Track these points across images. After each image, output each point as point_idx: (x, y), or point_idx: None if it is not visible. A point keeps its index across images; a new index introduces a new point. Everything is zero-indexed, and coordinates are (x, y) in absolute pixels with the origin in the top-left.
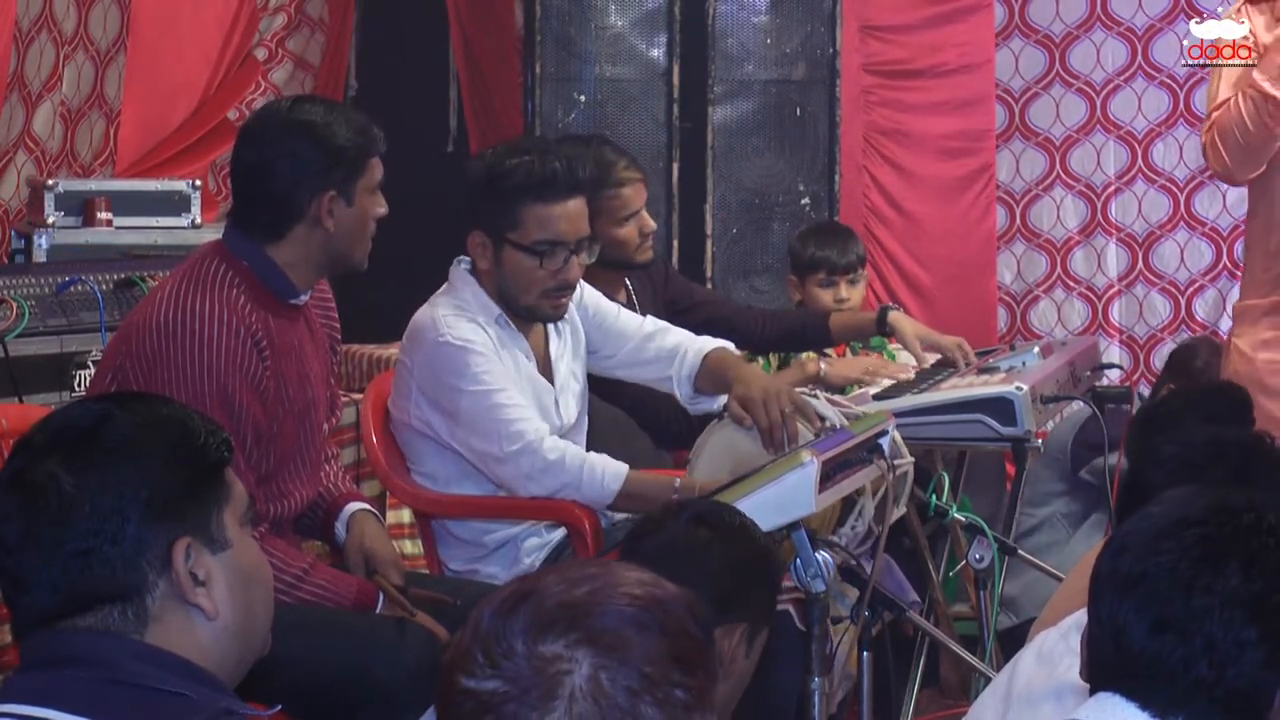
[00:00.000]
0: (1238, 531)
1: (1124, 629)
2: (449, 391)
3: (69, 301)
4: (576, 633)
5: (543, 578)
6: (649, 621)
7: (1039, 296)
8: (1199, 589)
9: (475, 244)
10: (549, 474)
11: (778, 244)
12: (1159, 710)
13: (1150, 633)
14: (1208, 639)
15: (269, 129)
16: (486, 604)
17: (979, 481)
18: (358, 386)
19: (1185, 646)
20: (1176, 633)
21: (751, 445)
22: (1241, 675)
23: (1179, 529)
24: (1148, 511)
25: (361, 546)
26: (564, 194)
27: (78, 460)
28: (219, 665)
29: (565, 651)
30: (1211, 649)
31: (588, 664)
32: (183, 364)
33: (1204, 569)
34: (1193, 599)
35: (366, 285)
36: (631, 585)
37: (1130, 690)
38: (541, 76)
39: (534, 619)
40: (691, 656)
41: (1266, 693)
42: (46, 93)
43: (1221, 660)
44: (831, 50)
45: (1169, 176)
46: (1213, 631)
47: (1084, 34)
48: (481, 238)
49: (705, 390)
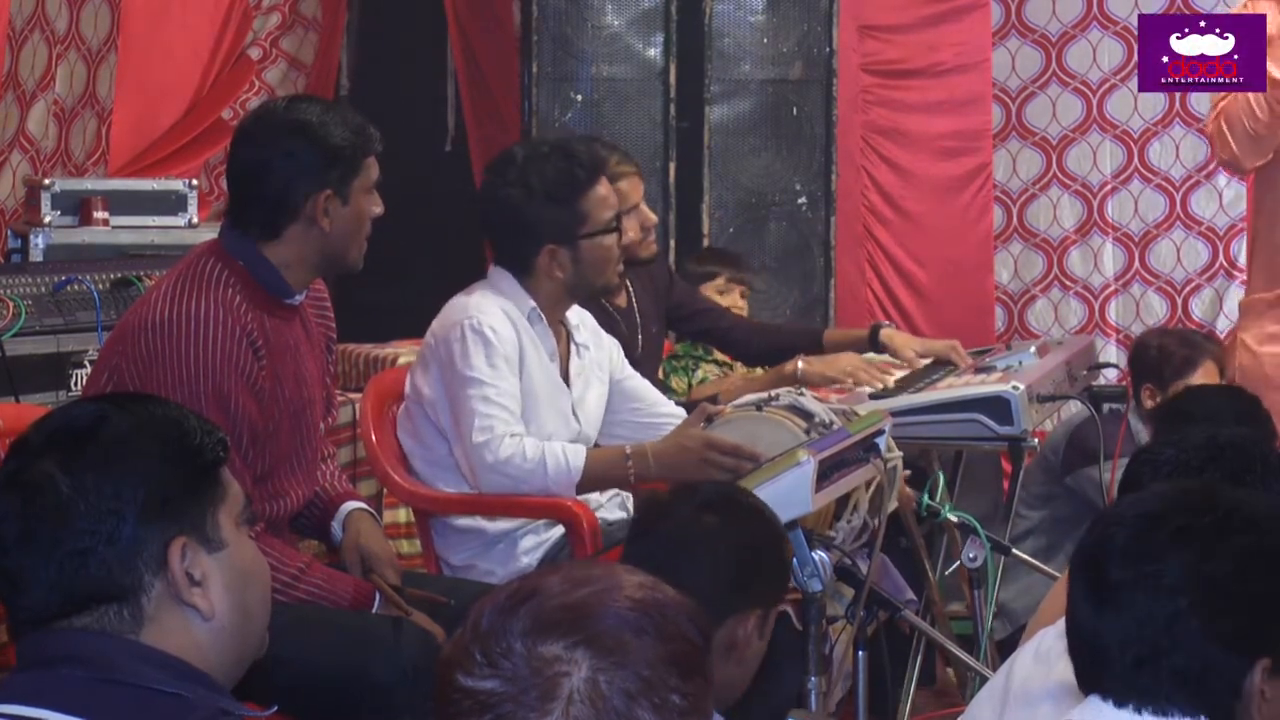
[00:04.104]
0: (1180, 507)
1: (1076, 610)
2: (453, 371)
3: (66, 301)
4: (576, 635)
5: (544, 578)
6: (648, 626)
7: (1036, 296)
8: (1130, 559)
9: (545, 261)
10: (510, 465)
11: (774, 244)
12: (1116, 698)
13: (1094, 609)
14: (1140, 611)
15: (265, 128)
16: (487, 602)
17: (976, 481)
18: (354, 386)
19: (1120, 620)
20: (1113, 606)
21: (773, 435)
22: (1179, 651)
23: (1128, 508)
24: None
25: (358, 546)
26: (601, 170)
27: (74, 461)
28: (215, 665)
29: (564, 653)
30: (1144, 622)
31: (586, 666)
32: (178, 364)
33: (1139, 542)
34: (1124, 570)
35: (363, 285)
36: (632, 589)
37: (1094, 683)
38: (538, 76)
39: (534, 619)
40: (689, 662)
41: (1222, 675)
42: (40, 92)
43: (1154, 633)
44: (828, 49)
45: (1165, 176)
46: (1143, 602)
47: (1080, 33)
48: (552, 250)
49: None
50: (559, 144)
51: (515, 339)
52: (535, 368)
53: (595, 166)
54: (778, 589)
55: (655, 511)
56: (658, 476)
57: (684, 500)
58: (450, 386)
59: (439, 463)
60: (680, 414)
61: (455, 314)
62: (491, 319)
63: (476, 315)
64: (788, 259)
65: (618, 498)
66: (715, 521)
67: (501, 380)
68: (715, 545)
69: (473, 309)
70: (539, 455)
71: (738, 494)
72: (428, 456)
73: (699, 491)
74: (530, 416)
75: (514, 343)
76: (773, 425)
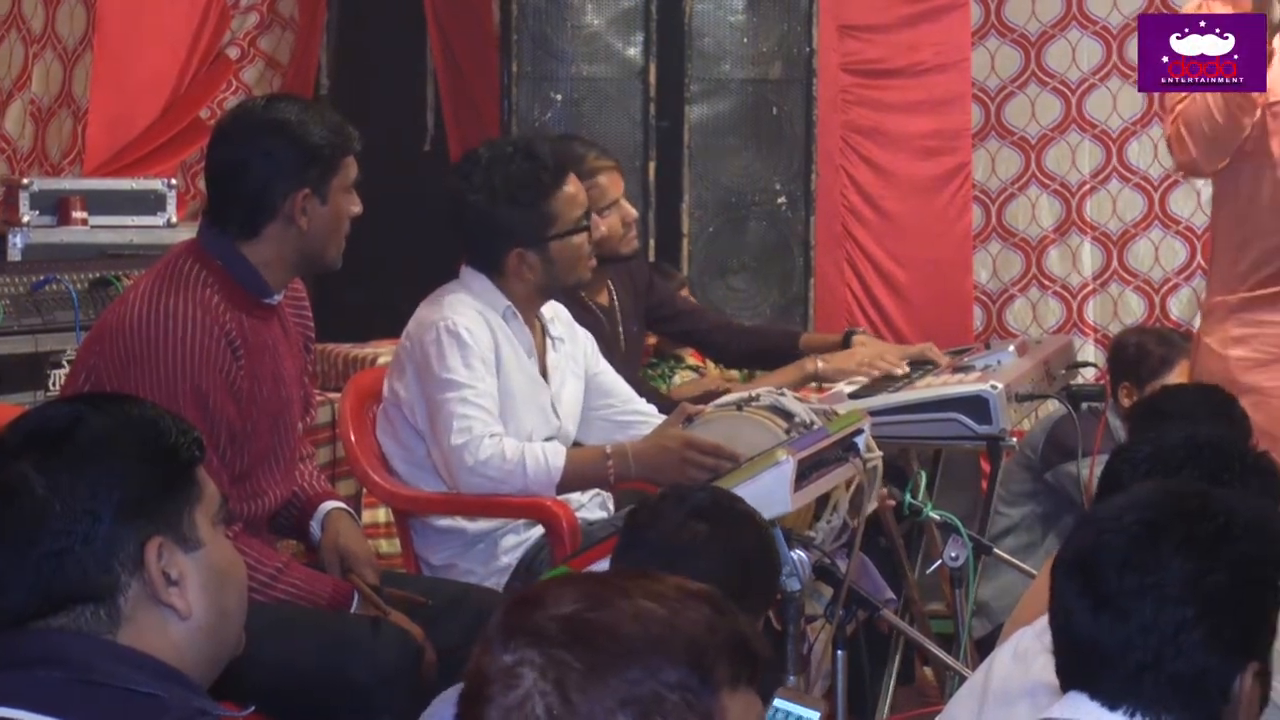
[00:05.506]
0: (1178, 514)
1: (1069, 612)
2: (429, 373)
3: (44, 300)
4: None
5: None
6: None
7: (1014, 295)
8: (1133, 567)
9: (514, 263)
10: (490, 466)
11: (754, 243)
12: (1109, 700)
13: (1091, 614)
14: (1144, 620)
15: (244, 127)
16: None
17: (955, 480)
18: (333, 386)
19: (1123, 628)
20: (1114, 613)
21: (753, 435)
22: (1182, 658)
23: (1122, 512)
24: (1105, 500)
25: (336, 545)
26: (567, 168)
27: (50, 461)
28: (192, 665)
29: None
30: (1148, 630)
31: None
32: (156, 364)
33: (1140, 548)
34: (1127, 578)
35: (342, 285)
36: (630, 620)
37: (1084, 683)
38: (518, 75)
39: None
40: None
41: (1216, 680)
42: (17, 91)
43: (1159, 642)
44: (808, 49)
45: (1143, 175)
46: (1148, 611)
47: (1059, 33)
48: (520, 254)
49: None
50: (523, 145)
51: (490, 339)
52: (512, 366)
53: (560, 166)
54: (769, 594)
55: (645, 519)
56: (638, 476)
57: (673, 507)
58: (427, 389)
59: (418, 463)
60: (653, 411)
61: (429, 316)
62: (466, 320)
63: (451, 317)
64: (767, 258)
65: (599, 498)
66: (705, 529)
67: (478, 381)
68: (706, 554)
69: (446, 311)
70: (519, 456)
71: (727, 499)
72: (407, 457)
73: (688, 498)
74: (508, 416)
75: (489, 343)
76: (753, 425)
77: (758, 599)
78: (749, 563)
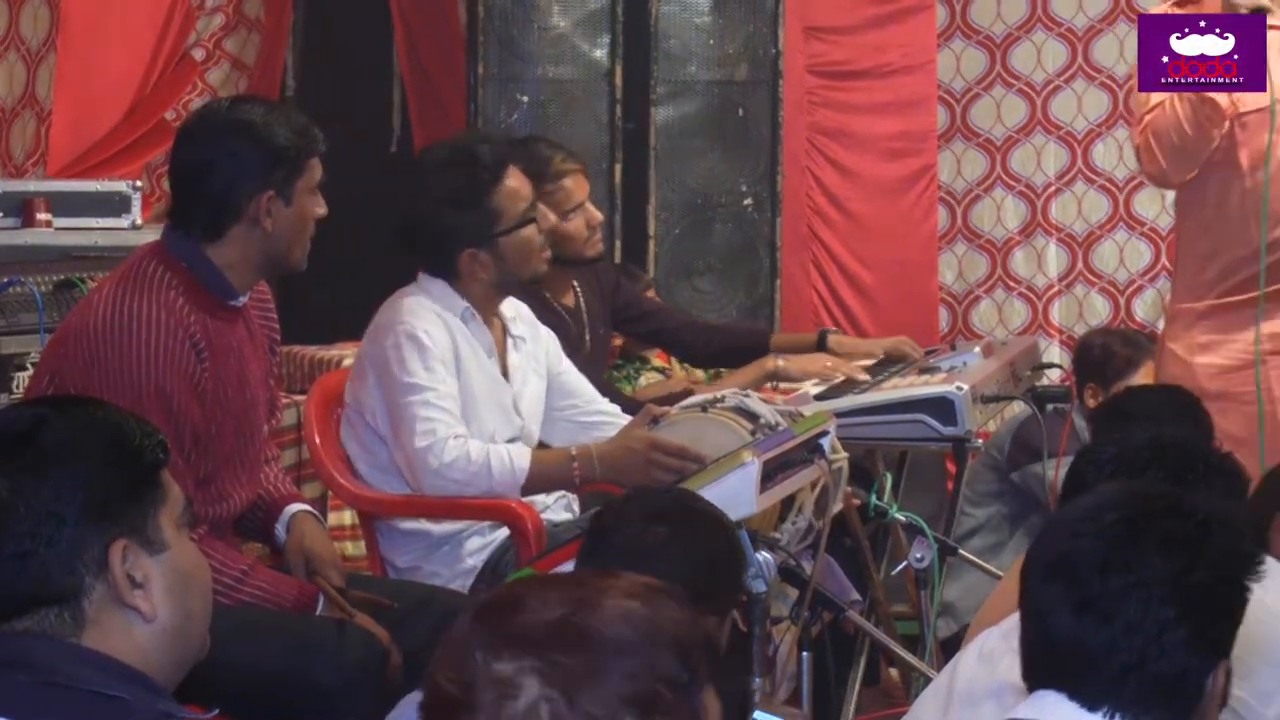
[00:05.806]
0: (1155, 513)
1: (1047, 614)
2: (390, 378)
3: (7, 303)
4: (531, 659)
5: (532, 589)
6: (615, 662)
7: (980, 296)
8: (1116, 569)
9: (467, 264)
10: (455, 468)
11: (720, 245)
12: (1089, 701)
13: (1072, 616)
14: (1127, 621)
15: (208, 128)
16: (474, 603)
17: (921, 481)
18: (299, 388)
19: (1106, 629)
20: (1096, 615)
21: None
22: (1165, 658)
23: (1099, 513)
24: (1074, 501)
25: (302, 548)
26: (506, 163)
27: (13, 464)
28: (157, 668)
29: (514, 676)
30: (1132, 631)
31: (534, 692)
32: (121, 366)
33: (1121, 550)
34: (1110, 579)
35: (308, 287)
36: (615, 618)
37: (1062, 683)
38: (484, 77)
39: (498, 633)
40: (652, 703)
41: (1194, 679)
42: None
43: (1143, 643)
44: (774, 51)
45: (1109, 177)
46: (1132, 612)
47: (1025, 35)
48: (471, 254)
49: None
50: (461, 146)
51: (450, 341)
52: (472, 367)
53: (499, 162)
54: (734, 594)
55: (609, 521)
56: (603, 478)
57: (638, 509)
58: (389, 394)
59: (382, 467)
60: (618, 412)
61: (388, 321)
62: (424, 323)
63: (409, 320)
64: (733, 260)
65: (564, 499)
66: (670, 531)
67: (440, 383)
68: (671, 556)
69: (405, 315)
70: (484, 457)
71: (690, 500)
72: (372, 461)
73: (653, 500)
74: (470, 416)
75: (449, 345)
76: (718, 426)
77: (723, 600)
78: (714, 564)
